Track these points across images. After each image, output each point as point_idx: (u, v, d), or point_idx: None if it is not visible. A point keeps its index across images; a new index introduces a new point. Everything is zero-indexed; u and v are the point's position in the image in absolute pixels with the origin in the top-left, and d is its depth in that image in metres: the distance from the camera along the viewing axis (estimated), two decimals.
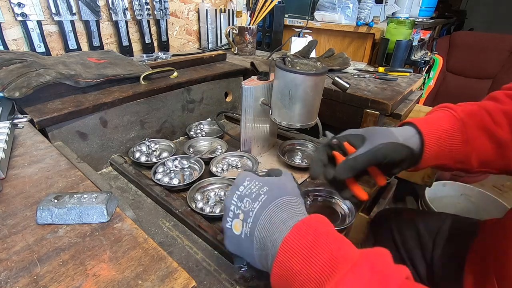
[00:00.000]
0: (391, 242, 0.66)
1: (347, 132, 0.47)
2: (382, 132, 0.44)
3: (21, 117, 0.55)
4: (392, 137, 0.43)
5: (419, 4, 1.79)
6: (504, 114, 0.45)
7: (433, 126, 0.45)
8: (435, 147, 0.44)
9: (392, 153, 0.41)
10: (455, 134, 0.45)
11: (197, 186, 0.61)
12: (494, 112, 0.45)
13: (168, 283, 0.27)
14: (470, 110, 0.46)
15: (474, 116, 0.45)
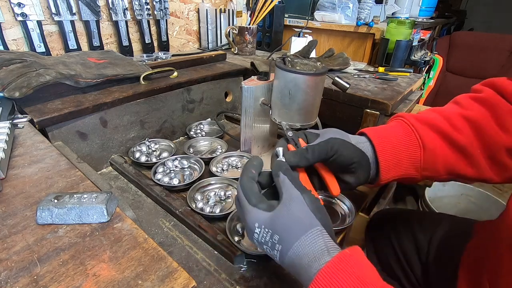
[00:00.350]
0: (388, 243, 0.66)
1: (306, 131, 0.45)
2: (336, 131, 0.43)
3: (21, 117, 0.55)
4: (344, 137, 0.42)
5: (419, 4, 1.79)
6: (464, 118, 0.43)
7: (384, 133, 0.44)
8: (390, 155, 0.42)
9: (341, 148, 0.40)
10: (410, 140, 0.43)
11: (197, 186, 0.61)
12: (453, 117, 0.43)
13: (168, 283, 0.27)
14: (425, 117, 0.44)
15: (429, 121, 0.43)
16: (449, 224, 0.60)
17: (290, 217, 0.31)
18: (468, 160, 0.42)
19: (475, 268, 0.47)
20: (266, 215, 0.32)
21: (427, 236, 0.60)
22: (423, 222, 0.63)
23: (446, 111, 0.45)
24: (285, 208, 0.31)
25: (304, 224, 0.30)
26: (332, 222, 0.54)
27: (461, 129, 0.42)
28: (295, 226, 0.30)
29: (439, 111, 0.46)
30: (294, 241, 0.30)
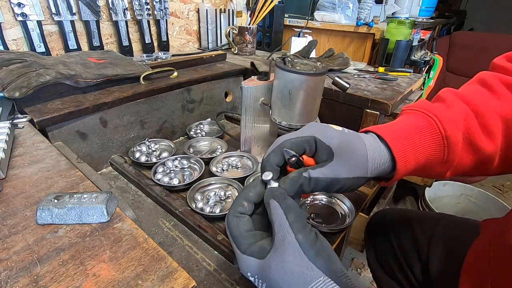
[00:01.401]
0: (387, 243, 0.66)
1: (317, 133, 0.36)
2: (356, 159, 0.33)
3: (21, 117, 0.55)
4: (362, 170, 0.33)
5: (419, 4, 1.79)
6: (500, 117, 0.36)
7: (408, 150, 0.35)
8: (407, 173, 0.37)
9: (348, 187, 0.34)
10: (436, 155, 0.36)
11: (197, 186, 0.61)
12: (488, 116, 0.36)
13: (168, 283, 0.27)
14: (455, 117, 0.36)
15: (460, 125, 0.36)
16: (449, 224, 0.60)
17: (284, 270, 0.26)
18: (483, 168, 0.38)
19: (478, 267, 0.46)
20: (258, 263, 0.28)
21: (427, 236, 0.60)
22: (423, 222, 0.63)
23: (479, 104, 0.37)
24: (278, 257, 0.26)
25: (303, 279, 0.25)
26: (332, 222, 0.55)
27: (493, 132, 0.36)
28: (291, 281, 0.26)
29: (468, 101, 0.37)
30: None
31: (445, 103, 0.38)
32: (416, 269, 0.60)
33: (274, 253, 0.27)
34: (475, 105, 0.37)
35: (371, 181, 0.39)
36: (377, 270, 0.68)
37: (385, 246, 0.66)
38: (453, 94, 0.39)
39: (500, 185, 1.92)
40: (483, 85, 0.38)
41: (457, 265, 0.51)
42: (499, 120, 0.36)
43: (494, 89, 0.37)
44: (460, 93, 0.39)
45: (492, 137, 0.36)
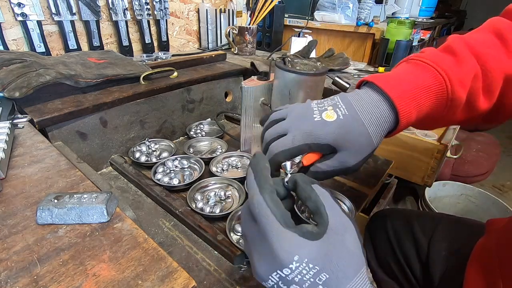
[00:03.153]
0: (386, 243, 0.66)
1: (312, 138, 0.34)
2: (359, 143, 0.34)
3: (21, 117, 0.55)
4: (368, 149, 0.34)
5: (419, 4, 1.79)
6: (504, 75, 0.35)
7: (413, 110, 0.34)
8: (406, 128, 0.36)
9: (359, 167, 0.35)
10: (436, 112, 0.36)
11: (197, 186, 0.61)
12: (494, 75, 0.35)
13: (168, 283, 0.27)
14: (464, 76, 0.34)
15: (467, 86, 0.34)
16: (450, 224, 0.60)
17: (347, 251, 0.24)
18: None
19: (486, 266, 0.46)
20: (312, 245, 0.24)
21: (427, 236, 0.60)
22: (423, 222, 0.63)
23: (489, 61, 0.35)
24: (340, 238, 0.25)
25: (358, 262, 0.24)
26: None
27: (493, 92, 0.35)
28: (351, 264, 0.24)
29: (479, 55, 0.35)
30: (346, 283, 0.23)
31: (456, 58, 0.35)
32: (416, 269, 0.60)
33: (334, 234, 0.25)
34: (485, 62, 0.35)
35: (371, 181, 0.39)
36: (377, 270, 0.68)
37: (385, 246, 0.66)
38: (464, 46, 0.36)
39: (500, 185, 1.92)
40: (498, 37, 0.36)
41: (459, 265, 0.51)
42: (502, 78, 0.35)
43: (508, 44, 0.35)
44: (471, 45, 0.36)
45: (490, 96, 0.36)
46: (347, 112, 0.34)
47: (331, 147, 0.34)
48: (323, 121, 0.34)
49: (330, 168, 0.35)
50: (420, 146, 0.84)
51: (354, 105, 0.34)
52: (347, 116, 0.34)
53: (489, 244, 0.49)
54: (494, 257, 0.45)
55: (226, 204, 0.59)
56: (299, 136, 0.34)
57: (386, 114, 0.34)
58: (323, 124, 0.34)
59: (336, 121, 0.34)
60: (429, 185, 1.12)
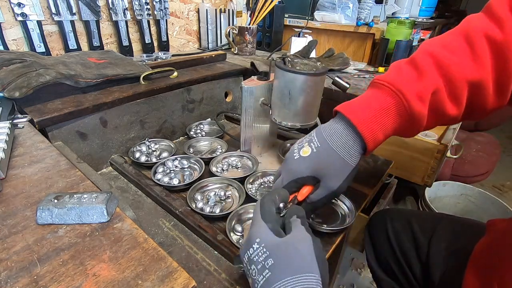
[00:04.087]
0: (386, 243, 0.66)
1: (295, 176, 0.42)
2: (334, 168, 0.40)
3: (21, 117, 0.55)
4: (345, 170, 0.40)
5: (419, 4, 1.79)
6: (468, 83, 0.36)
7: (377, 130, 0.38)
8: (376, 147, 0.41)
9: (346, 185, 0.41)
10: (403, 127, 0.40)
11: (197, 186, 0.61)
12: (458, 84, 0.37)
13: (168, 283, 0.27)
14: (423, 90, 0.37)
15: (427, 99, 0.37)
16: (450, 224, 0.60)
17: (295, 250, 0.30)
18: None
19: (484, 267, 0.46)
20: (273, 237, 0.31)
21: (427, 236, 0.60)
22: (423, 222, 0.63)
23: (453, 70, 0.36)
24: (294, 241, 0.31)
25: (305, 266, 0.29)
26: (332, 222, 0.55)
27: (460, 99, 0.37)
28: (296, 262, 0.29)
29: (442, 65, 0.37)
30: (288, 275, 0.28)
31: (418, 71, 0.38)
32: (416, 269, 0.60)
33: (292, 238, 0.32)
34: (448, 72, 0.37)
35: (371, 181, 0.42)
36: (377, 270, 0.68)
37: (385, 246, 0.66)
38: (428, 57, 0.38)
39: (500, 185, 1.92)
40: (467, 41, 0.37)
41: (459, 265, 0.51)
42: (466, 85, 0.37)
43: (475, 50, 0.36)
44: (435, 55, 0.38)
45: (458, 103, 0.38)
46: (319, 144, 0.41)
47: (314, 178, 0.41)
48: (301, 158, 0.41)
49: (320, 196, 0.41)
50: (420, 146, 0.84)
51: (325, 136, 0.40)
52: (319, 148, 0.40)
53: (490, 245, 0.50)
54: (493, 258, 0.45)
55: (226, 204, 0.59)
56: (286, 176, 0.43)
57: (353, 138, 0.39)
58: (300, 160, 0.41)
59: (311, 155, 0.41)
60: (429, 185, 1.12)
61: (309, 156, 0.41)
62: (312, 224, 0.51)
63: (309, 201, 0.43)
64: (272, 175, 0.66)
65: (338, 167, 0.40)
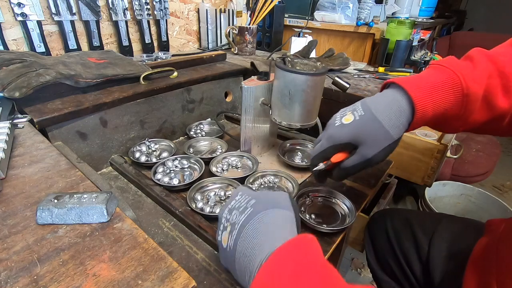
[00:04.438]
0: (387, 243, 0.66)
1: (334, 143, 0.42)
2: (375, 137, 0.39)
3: (21, 117, 0.55)
4: (386, 141, 0.39)
5: (419, 4, 1.79)
6: None
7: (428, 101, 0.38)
8: (423, 123, 0.41)
9: (383, 157, 0.41)
10: (453, 110, 0.40)
11: (197, 186, 0.61)
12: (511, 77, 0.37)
13: (168, 283, 0.27)
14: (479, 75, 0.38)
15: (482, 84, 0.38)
16: (450, 224, 0.60)
17: (274, 194, 0.36)
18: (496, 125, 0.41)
19: (484, 267, 0.46)
20: (251, 190, 0.38)
21: (428, 236, 0.60)
22: (423, 222, 0.63)
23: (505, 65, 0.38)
24: (273, 191, 0.39)
25: (282, 204, 0.35)
26: (332, 222, 0.55)
27: None
28: (275, 200, 0.35)
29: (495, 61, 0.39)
30: (269, 208, 0.33)
31: (472, 62, 0.39)
32: (416, 269, 0.60)
33: (273, 192, 0.39)
34: (501, 66, 0.38)
35: (371, 181, 0.43)
36: (377, 270, 0.68)
37: (385, 246, 0.66)
38: (481, 53, 0.40)
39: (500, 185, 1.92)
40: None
41: (459, 265, 0.51)
42: None
43: None
44: (488, 53, 0.40)
45: (509, 96, 0.38)
46: (362, 112, 0.41)
47: (352, 145, 0.41)
48: (342, 125, 0.42)
49: (354, 162, 0.42)
50: (420, 146, 0.84)
51: (369, 106, 0.41)
52: (362, 116, 0.41)
53: (489, 245, 0.50)
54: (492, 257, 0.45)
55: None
56: (325, 141, 0.44)
57: (402, 106, 0.39)
58: (341, 126, 0.42)
59: (353, 122, 0.41)
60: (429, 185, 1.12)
61: (350, 123, 0.41)
62: (312, 224, 0.51)
63: (342, 167, 0.43)
64: (272, 175, 0.66)
65: (379, 136, 0.39)
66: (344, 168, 0.43)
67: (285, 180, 0.66)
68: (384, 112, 0.39)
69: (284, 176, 0.66)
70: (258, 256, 0.29)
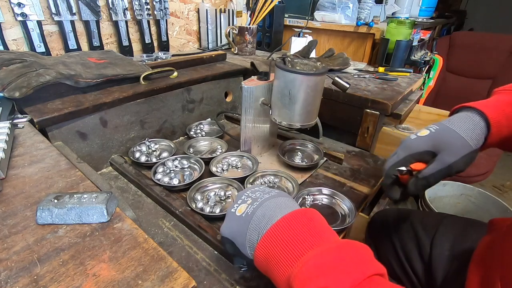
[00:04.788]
0: (388, 242, 0.66)
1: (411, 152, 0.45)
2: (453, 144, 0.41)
3: (21, 117, 0.55)
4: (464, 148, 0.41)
5: (419, 4, 1.79)
6: None
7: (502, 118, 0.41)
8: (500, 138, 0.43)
9: (463, 166, 0.42)
10: None
11: (197, 186, 0.61)
12: None
13: (168, 283, 0.27)
14: None
15: None
16: (452, 224, 0.60)
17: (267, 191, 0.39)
18: None
19: (487, 264, 0.46)
20: None
21: (430, 236, 0.60)
22: (424, 221, 0.63)
23: None
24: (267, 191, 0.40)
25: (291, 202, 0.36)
26: (332, 222, 0.55)
27: None
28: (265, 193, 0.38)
29: None
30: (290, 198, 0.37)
31: None
32: (418, 269, 0.60)
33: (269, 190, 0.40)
34: None
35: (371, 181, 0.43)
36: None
37: (386, 246, 0.66)
38: None
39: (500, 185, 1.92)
40: None
41: (462, 265, 0.51)
42: None
43: None
44: None
45: None
46: (438, 127, 0.44)
47: (430, 152, 0.43)
48: (418, 137, 0.45)
49: (434, 170, 0.43)
50: None
51: (443, 122, 0.44)
52: (438, 129, 0.44)
53: (492, 244, 0.50)
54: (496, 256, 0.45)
55: (226, 204, 0.59)
56: (401, 151, 0.46)
57: (475, 120, 0.42)
58: (417, 138, 0.45)
59: (430, 133, 0.44)
60: None
61: (427, 134, 0.44)
62: None
63: (421, 176, 0.43)
64: (272, 175, 0.66)
65: (456, 143, 0.41)
66: (424, 177, 0.43)
67: (285, 180, 0.66)
68: (458, 124, 0.42)
69: (284, 176, 0.66)
70: (278, 214, 0.33)
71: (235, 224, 0.36)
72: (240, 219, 0.35)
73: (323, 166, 0.74)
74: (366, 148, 0.84)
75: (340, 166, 0.74)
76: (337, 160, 0.75)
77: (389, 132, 0.86)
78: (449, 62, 2.35)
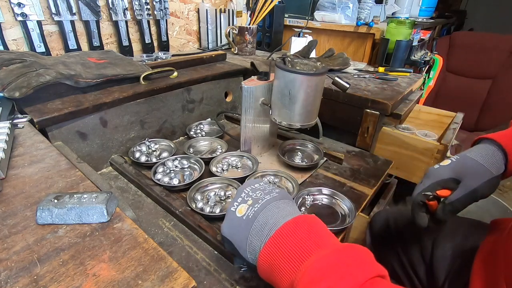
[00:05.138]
0: (389, 243, 0.66)
1: (436, 179, 0.48)
2: (475, 170, 0.46)
3: (21, 117, 0.55)
4: (486, 174, 0.45)
5: (419, 4, 1.79)
6: None
7: None
8: None
9: (487, 191, 0.45)
10: None
11: (197, 186, 0.61)
12: None
13: (168, 283, 0.27)
14: None
15: None
16: (453, 224, 0.60)
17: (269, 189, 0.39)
18: None
19: (491, 263, 0.46)
20: None
21: (431, 237, 0.60)
22: None
23: None
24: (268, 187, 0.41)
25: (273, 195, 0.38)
26: (332, 222, 0.55)
27: None
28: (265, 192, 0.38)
29: None
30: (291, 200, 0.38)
31: None
32: (419, 269, 0.59)
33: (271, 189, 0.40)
34: None
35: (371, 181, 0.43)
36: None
37: (387, 246, 0.66)
38: None
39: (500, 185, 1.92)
40: None
41: (464, 265, 0.51)
42: None
43: None
44: None
45: None
46: (458, 157, 0.48)
47: (454, 180, 0.47)
48: (441, 166, 0.49)
49: (459, 195, 0.46)
50: (420, 146, 0.84)
51: (463, 153, 0.49)
52: (458, 159, 0.48)
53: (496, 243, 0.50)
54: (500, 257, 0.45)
55: (226, 204, 0.59)
56: (426, 180, 0.49)
57: (492, 149, 0.47)
58: (440, 168, 0.49)
59: (451, 163, 0.49)
60: None
61: (449, 164, 0.48)
62: None
63: (448, 201, 0.47)
64: (272, 175, 0.66)
65: (478, 170, 0.46)
66: (450, 203, 0.46)
67: (285, 180, 0.66)
68: (476, 154, 0.47)
69: (284, 176, 0.66)
70: (280, 221, 0.34)
71: (236, 226, 0.36)
72: (241, 222, 0.35)
73: (323, 166, 0.74)
74: (366, 148, 0.84)
75: (340, 166, 0.74)
76: (337, 160, 0.75)
77: (389, 132, 0.86)
78: (449, 62, 2.35)
